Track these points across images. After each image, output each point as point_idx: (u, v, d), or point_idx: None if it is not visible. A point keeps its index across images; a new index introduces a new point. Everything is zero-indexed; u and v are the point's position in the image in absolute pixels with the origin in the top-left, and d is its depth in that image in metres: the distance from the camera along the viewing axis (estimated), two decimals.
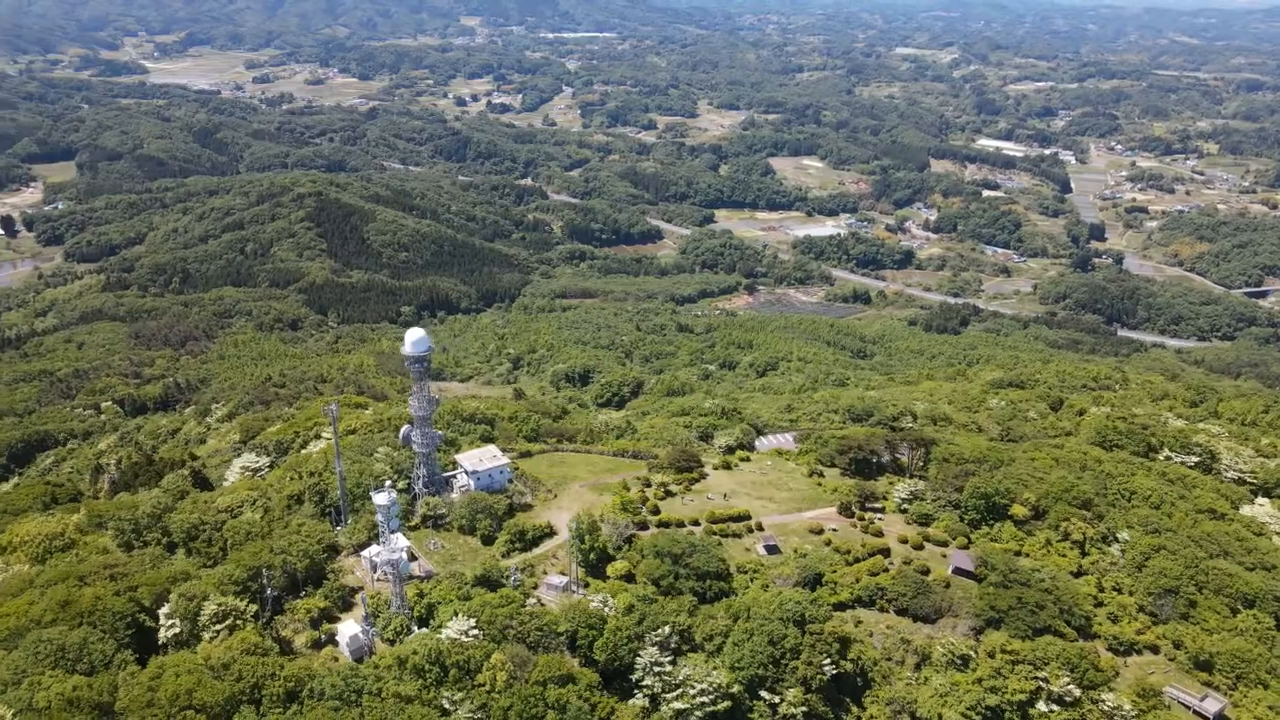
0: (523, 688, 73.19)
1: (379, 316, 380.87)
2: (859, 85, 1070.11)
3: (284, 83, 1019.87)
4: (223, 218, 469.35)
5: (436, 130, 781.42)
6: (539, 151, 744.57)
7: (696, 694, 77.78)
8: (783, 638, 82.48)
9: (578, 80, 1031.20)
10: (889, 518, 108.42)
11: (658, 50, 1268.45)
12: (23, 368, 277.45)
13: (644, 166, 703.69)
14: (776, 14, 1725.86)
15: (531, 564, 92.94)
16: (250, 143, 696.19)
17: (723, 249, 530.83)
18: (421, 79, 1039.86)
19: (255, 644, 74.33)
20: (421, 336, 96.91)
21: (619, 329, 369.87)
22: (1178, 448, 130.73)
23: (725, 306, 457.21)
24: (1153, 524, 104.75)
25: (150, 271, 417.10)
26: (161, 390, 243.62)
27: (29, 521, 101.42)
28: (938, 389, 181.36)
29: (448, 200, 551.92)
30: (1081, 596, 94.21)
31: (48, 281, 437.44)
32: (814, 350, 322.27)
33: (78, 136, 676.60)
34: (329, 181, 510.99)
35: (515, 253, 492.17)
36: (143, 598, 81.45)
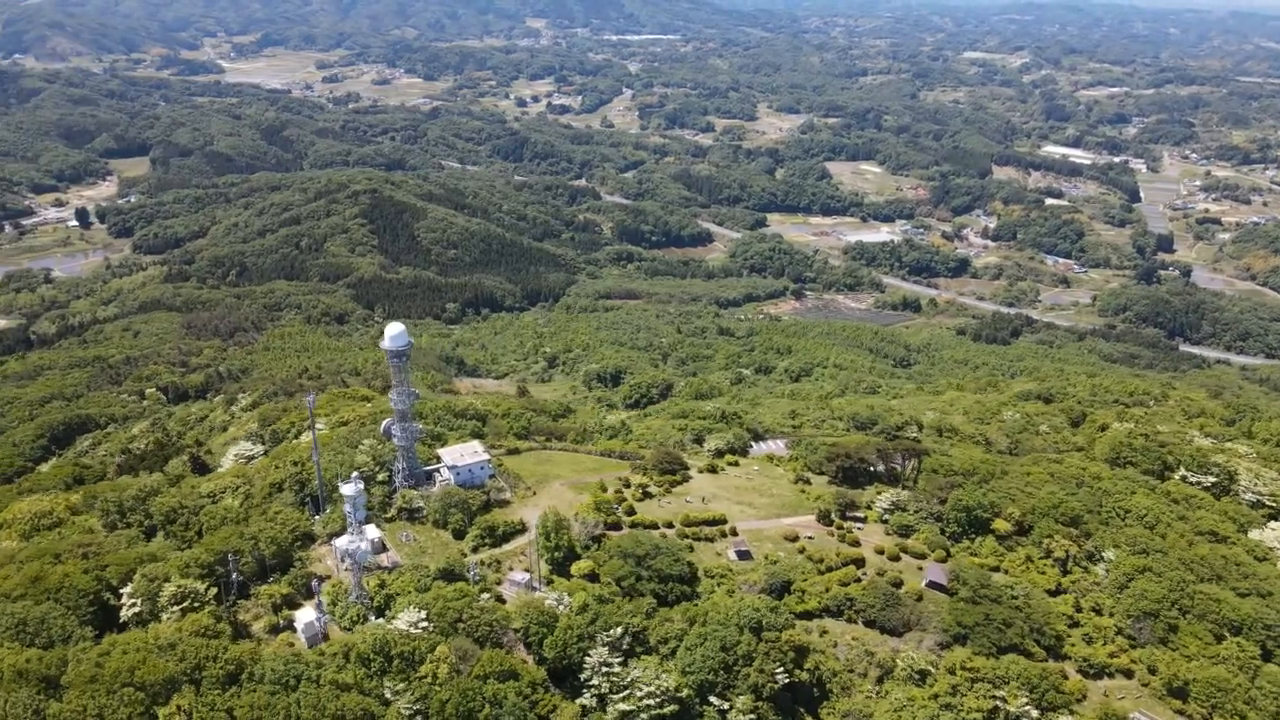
0: (461, 681, 73.93)
1: (424, 312, 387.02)
2: (923, 89, 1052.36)
3: (352, 82, 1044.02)
4: (281, 213, 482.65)
5: (495, 130, 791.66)
6: (594, 153, 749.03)
7: (643, 696, 77.55)
8: (736, 644, 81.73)
9: (638, 82, 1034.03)
10: (869, 528, 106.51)
11: (720, 53, 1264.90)
12: (79, 353, 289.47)
13: (698, 169, 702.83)
14: (844, 17, 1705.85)
15: (499, 559, 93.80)
16: (315, 140, 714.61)
17: (772, 253, 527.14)
18: (484, 80, 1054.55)
19: (206, 626, 76.56)
20: (400, 331, 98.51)
21: (659, 331, 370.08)
22: (1194, 467, 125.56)
23: (771, 311, 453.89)
24: (1141, 544, 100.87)
25: (209, 264, 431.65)
26: (203, 379, 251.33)
27: (24, 500, 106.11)
28: (959, 399, 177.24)
29: (499, 199, 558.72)
30: (1055, 616, 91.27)
31: (114, 271, 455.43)
32: (852, 357, 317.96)
33: (153, 133, 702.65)
34: (384, 179, 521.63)
35: (563, 252, 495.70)
36: (111, 577, 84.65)
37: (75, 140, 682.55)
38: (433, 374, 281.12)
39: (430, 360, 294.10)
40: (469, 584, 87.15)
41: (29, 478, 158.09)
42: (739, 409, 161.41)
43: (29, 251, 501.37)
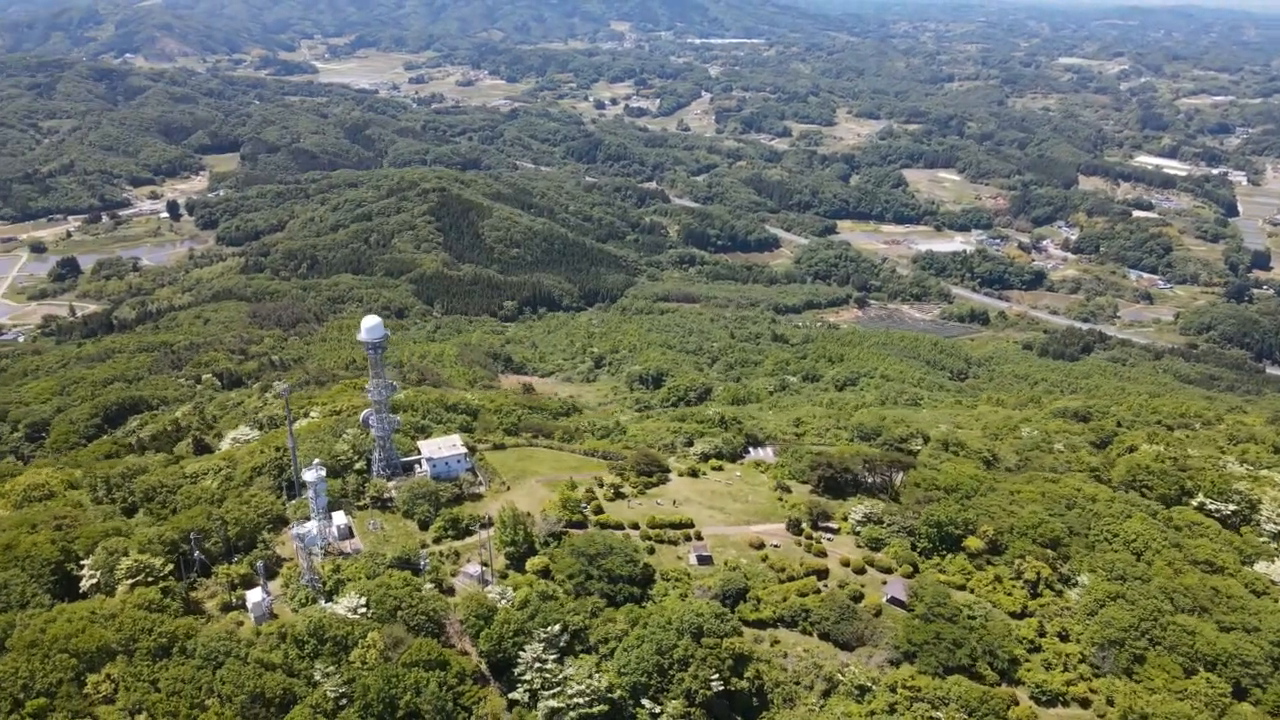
0: (386, 667, 75.24)
1: (481, 309, 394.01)
2: (1012, 96, 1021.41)
3: (437, 83, 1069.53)
4: (354, 209, 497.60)
5: (570, 132, 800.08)
6: (667, 155, 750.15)
7: (573, 694, 77.55)
8: (672, 647, 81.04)
9: (717, 86, 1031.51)
10: (840, 539, 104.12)
11: (803, 57, 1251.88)
12: (149, 338, 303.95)
13: (770, 174, 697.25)
14: (935, 21, 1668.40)
15: (459, 551, 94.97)
16: (395, 139, 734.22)
17: (837, 260, 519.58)
18: (565, 82, 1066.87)
19: (152, 600, 79.76)
20: (376, 324, 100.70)
21: (711, 335, 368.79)
22: (1214, 494, 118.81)
23: (831, 319, 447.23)
24: (1120, 570, 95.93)
25: (283, 256, 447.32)
26: (257, 366, 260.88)
27: (23, 473, 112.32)
28: (989, 414, 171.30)
29: (566, 200, 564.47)
30: (1014, 639, 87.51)
31: (196, 262, 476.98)
32: (902, 368, 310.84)
33: (244, 130, 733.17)
34: (455, 178, 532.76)
35: (625, 254, 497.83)
36: (78, 549, 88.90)
37: (173, 136, 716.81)
38: (476, 369, 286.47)
39: (476, 356, 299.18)
40: (412, 574, 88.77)
41: (75, 453, 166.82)
42: (741, 414, 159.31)
43: (122, 241, 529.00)
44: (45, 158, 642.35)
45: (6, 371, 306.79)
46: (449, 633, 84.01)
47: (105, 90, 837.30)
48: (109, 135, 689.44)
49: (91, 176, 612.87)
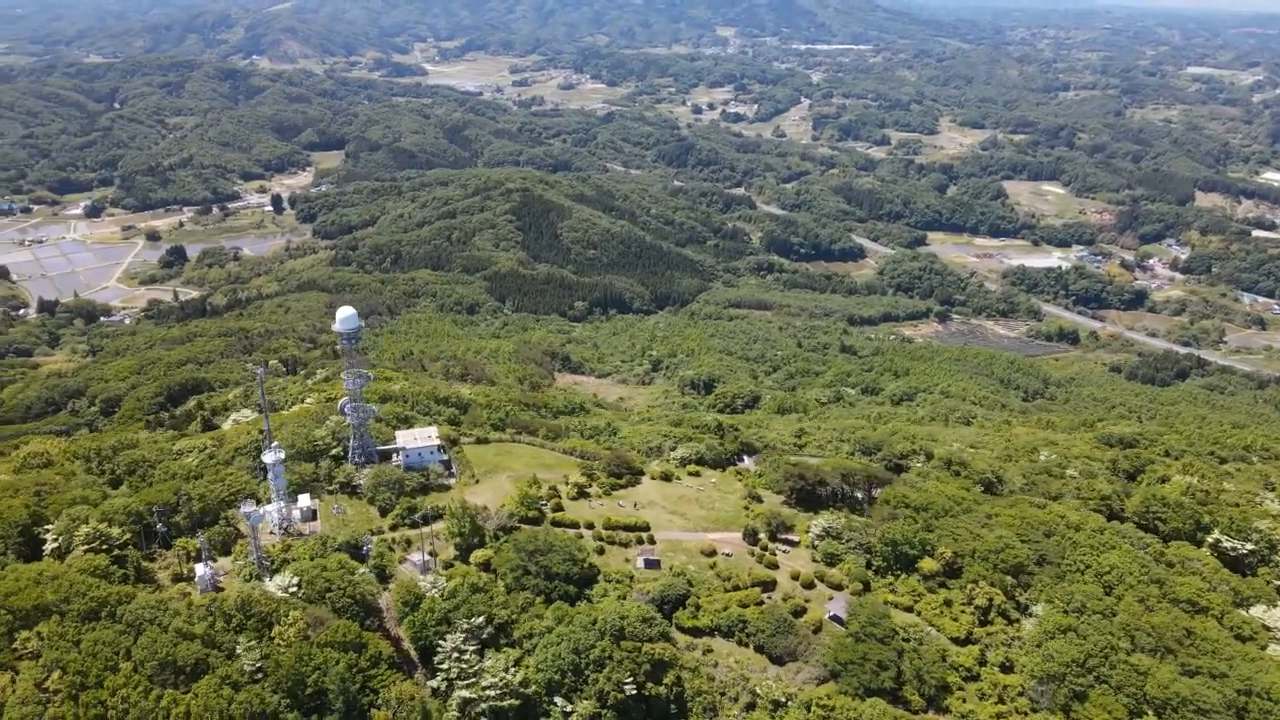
0: (301, 646, 77.46)
1: (551, 308, 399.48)
2: (1131, 107, 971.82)
3: (540, 86, 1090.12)
4: (441, 206, 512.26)
5: (663, 135, 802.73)
6: (759, 161, 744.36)
7: (486, 686, 78.25)
8: (590, 648, 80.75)
9: (817, 92, 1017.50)
10: (798, 552, 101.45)
11: (910, 64, 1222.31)
12: (230, 324, 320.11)
13: (861, 183, 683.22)
14: (1055, 27, 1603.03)
15: (411, 540, 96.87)
16: (491, 140, 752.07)
17: (921, 273, 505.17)
18: (664, 86, 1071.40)
19: (98, 566, 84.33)
20: (350, 315, 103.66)
21: (778, 343, 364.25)
22: (1231, 532, 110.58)
23: (907, 332, 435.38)
24: (1080, 603, 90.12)
25: (370, 251, 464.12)
26: (320, 355, 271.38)
27: (32, 441, 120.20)
28: (1022, 435, 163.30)
29: (649, 203, 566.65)
30: (951, 666, 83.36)
31: (291, 253, 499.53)
32: (968, 385, 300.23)
33: (350, 129, 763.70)
34: (539, 179, 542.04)
35: (702, 259, 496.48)
36: (49, 514, 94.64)
37: (285, 134, 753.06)
38: (531, 367, 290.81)
39: (533, 354, 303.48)
40: (364, 559, 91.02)
41: (129, 425, 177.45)
42: (747, 422, 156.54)
43: (229, 231, 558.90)
44: (168, 152, 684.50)
45: (104, 350, 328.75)
46: (385, 618, 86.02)
47: (228, 89, 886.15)
48: (226, 132, 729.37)
49: (207, 170, 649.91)
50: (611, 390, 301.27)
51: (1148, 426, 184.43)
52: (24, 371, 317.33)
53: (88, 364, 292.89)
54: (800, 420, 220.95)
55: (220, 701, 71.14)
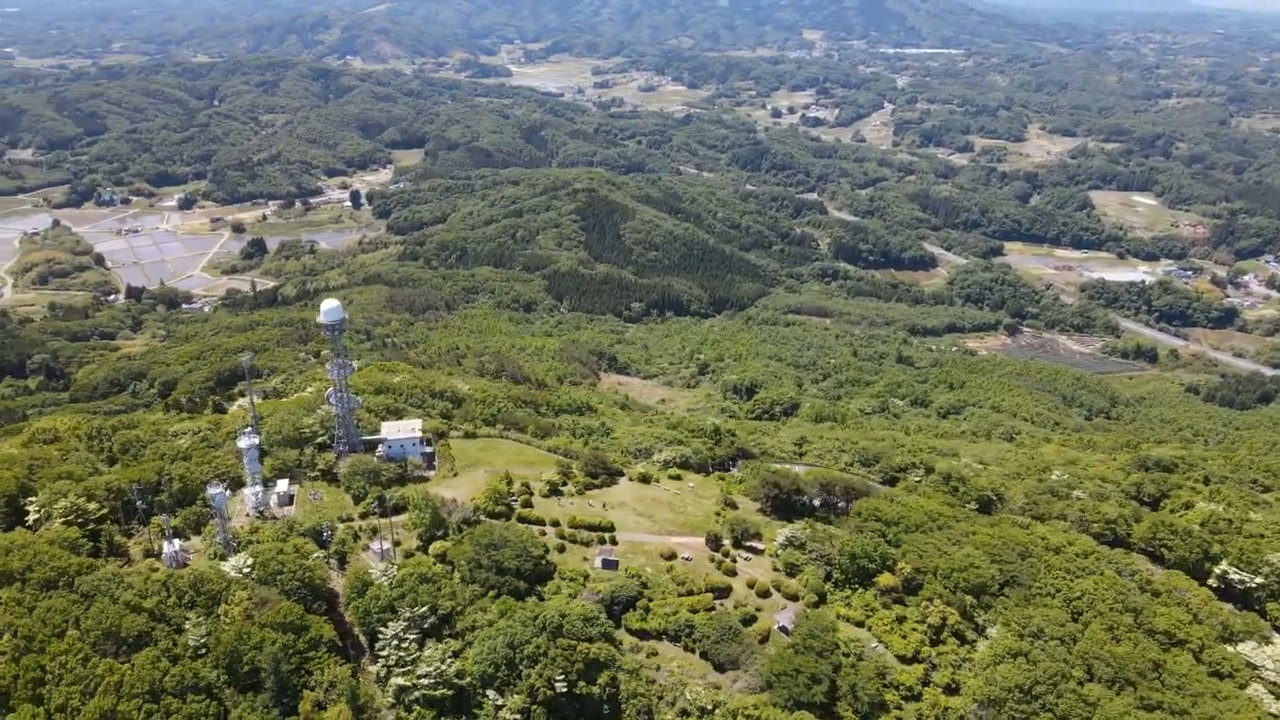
0: (241, 624, 79.95)
1: (607, 309, 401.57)
2: (1238, 115, 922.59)
3: (621, 88, 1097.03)
4: (509, 205, 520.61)
5: (739, 139, 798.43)
6: (834, 167, 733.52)
7: (420, 675, 79.58)
8: (525, 643, 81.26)
9: (901, 97, 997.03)
10: (761, 560, 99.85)
11: (1002, 69, 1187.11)
12: (292, 314, 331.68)
13: (938, 190, 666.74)
14: (1161, 32, 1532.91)
15: (378, 528, 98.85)
16: (567, 141, 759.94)
17: (994, 284, 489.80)
18: (745, 89, 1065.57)
19: (68, 538, 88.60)
20: (335, 307, 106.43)
21: (832, 351, 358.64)
22: (1240, 563, 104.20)
23: (972, 344, 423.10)
24: (1037, 628, 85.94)
25: (436, 247, 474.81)
26: (370, 347, 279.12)
27: (46, 417, 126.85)
28: (1049, 454, 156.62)
29: (716, 206, 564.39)
30: (891, 684, 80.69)
31: (364, 248, 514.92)
32: (1023, 400, 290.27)
33: (431, 128, 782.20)
34: (606, 180, 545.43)
35: (765, 264, 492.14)
36: (38, 486, 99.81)
37: (369, 132, 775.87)
38: (575, 365, 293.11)
39: (579, 353, 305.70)
40: (325, 544, 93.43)
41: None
42: (763, 429, 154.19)
43: (308, 225, 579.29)
44: (258, 148, 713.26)
45: (175, 335, 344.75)
46: (340, 604, 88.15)
47: (320, 89, 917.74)
48: (314, 129, 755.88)
49: (293, 166, 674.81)
50: (655, 392, 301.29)
51: (1194, 451, 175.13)
52: (103, 353, 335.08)
53: (156, 348, 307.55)
54: (834, 429, 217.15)
55: (155, 673, 74.19)
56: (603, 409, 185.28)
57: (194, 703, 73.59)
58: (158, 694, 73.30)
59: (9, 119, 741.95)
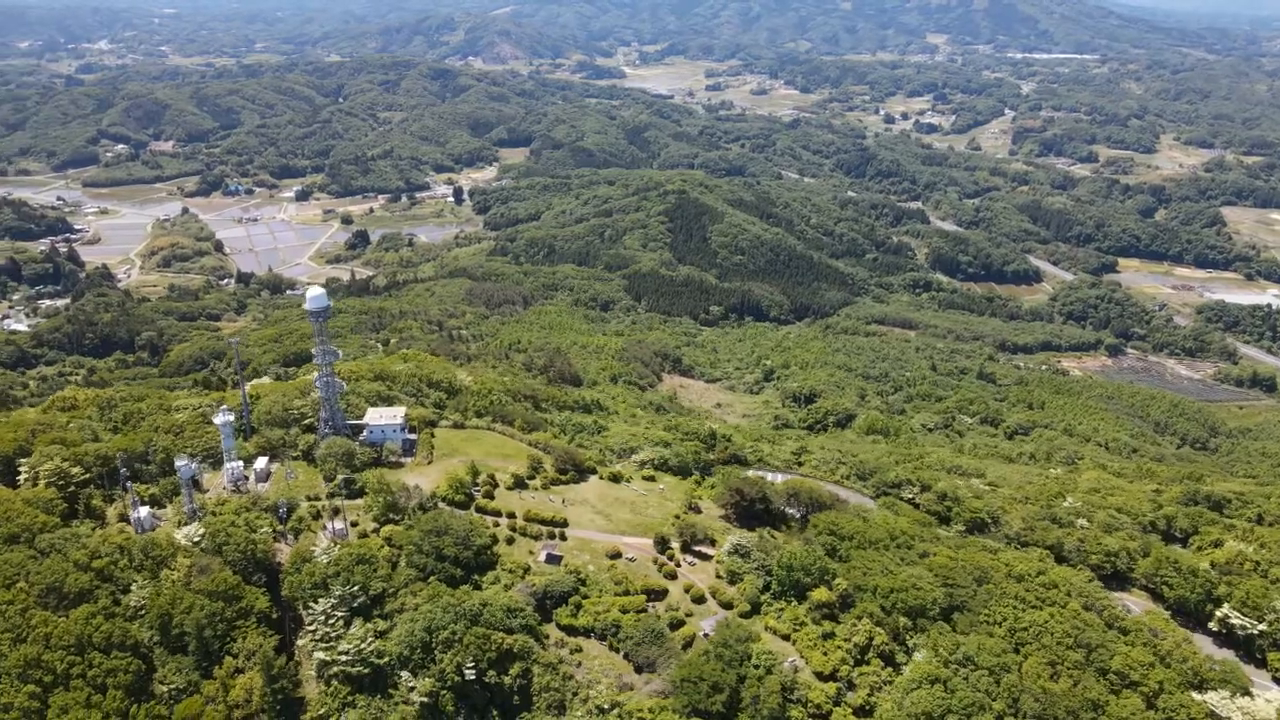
0: (176, 588, 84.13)
1: (684, 311, 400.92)
2: None
3: (732, 91, 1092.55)
4: (601, 204, 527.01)
5: (845, 144, 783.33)
6: (942, 175, 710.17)
7: (341, 651, 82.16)
8: (441, 628, 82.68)
9: (1024, 104, 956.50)
10: (706, 566, 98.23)
11: (1139, 75, 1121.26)
12: (373, 304, 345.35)
13: (1051, 201, 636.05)
14: None
15: (339, 509, 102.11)
16: (669, 143, 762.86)
17: (1098, 301, 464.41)
18: (858, 94, 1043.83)
19: (43, 498, 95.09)
20: (319, 294, 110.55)
21: (909, 364, 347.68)
22: (1245, 608, 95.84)
23: (1067, 364, 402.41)
24: (966, 655, 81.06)
25: (526, 244, 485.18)
26: (437, 338, 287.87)
27: (68, 391, 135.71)
28: (1087, 478, 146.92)
29: (810, 212, 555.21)
30: (797, 701, 78.18)
31: (459, 242, 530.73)
32: (1102, 424, 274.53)
33: (539, 127, 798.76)
34: (699, 182, 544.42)
35: (854, 272, 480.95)
36: (34, 450, 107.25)
37: (478, 130, 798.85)
38: (635, 365, 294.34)
39: (641, 353, 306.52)
40: (284, 521, 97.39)
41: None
42: (755, 436, 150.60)
43: (411, 219, 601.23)
44: (373, 144, 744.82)
45: (267, 319, 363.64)
46: (246, 572, 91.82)
47: (438, 88, 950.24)
48: (427, 127, 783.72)
49: (403, 162, 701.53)
50: (714, 396, 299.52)
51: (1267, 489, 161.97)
52: (204, 333, 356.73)
53: (243, 329, 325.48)
54: (885, 443, 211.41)
55: (86, 628, 79.28)
56: (620, 407, 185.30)
57: (117, 658, 78.46)
58: (84, 647, 78.50)
59: (154, 113, 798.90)
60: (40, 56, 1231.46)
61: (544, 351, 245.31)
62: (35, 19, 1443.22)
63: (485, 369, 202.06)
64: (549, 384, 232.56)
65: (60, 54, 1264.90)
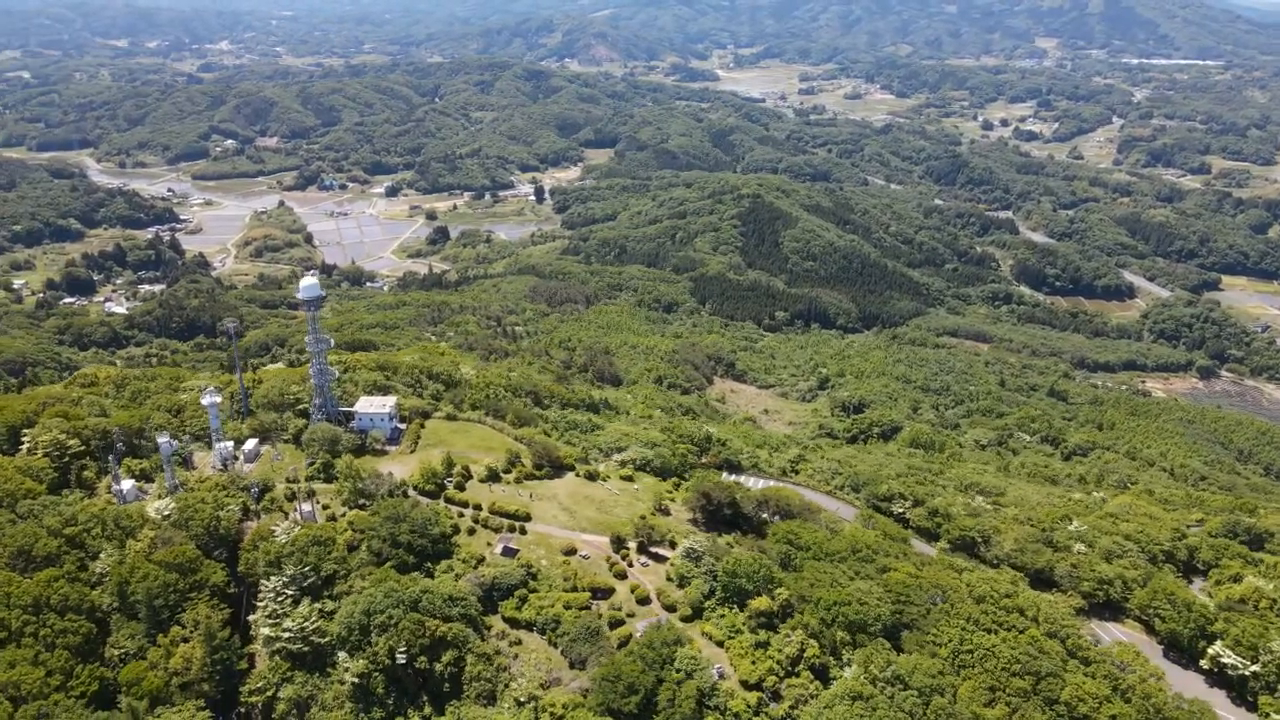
0: (137, 558, 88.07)
1: (748, 315, 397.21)
2: None
3: (826, 95, 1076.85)
4: (676, 206, 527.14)
5: (936, 151, 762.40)
6: (1038, 184, 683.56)
7: (285, 629, 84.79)
8: (379, 612, 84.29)
9: (1134, 112, 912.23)
10: (659, 568, 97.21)
11: (1265, 83, 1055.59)
12: (437, 298, 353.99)
13: (1153, 215, 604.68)
14: None
15: (315, 491, 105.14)
16: (754, 146, 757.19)
17: (1193, 320, 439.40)
18: (957, 100, 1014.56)
19: (34, 466, 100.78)
20: (312, 284, 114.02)
21: (975, 378, 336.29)
22: (1238, 648, 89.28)
23: (1152, 385, 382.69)
24: (895, 674, 77.55)
25: (598, 244, 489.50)
26: (491, 333, 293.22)
27: (92, 368, 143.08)
28: (1118, 503, 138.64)
29: (890, 220, 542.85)
30: (712, 708, 76.60)
31: (534, 240, 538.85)
32: (1176, 450, 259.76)
33: (625, 129, 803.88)
34: (775, 187, 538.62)
35: (930, 282, 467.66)
36: (40, 421, 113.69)
37: (565, 131, 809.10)
38: (684, 368, 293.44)
39: (693, 356, 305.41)
40: (257, 500, 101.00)
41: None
42: (725, 439, 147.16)
43: (492, 216, 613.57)
44: (463, 143, 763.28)
45: (339, 309, 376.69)
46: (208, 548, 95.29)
47: (530, 89, 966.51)
48: (516, 127, 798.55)
49: (490, 161, 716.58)
50: (765, 402, 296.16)
51: None
52: (280, 320, 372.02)
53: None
54: (920, 457, 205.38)
55: (46, 590, 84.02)
56: (638, 408, 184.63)
57: (71, 620, 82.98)
58: (40, 608, 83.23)
59: (262, 110, 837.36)
60: (166, 56, 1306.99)
61: (585, 350, 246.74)
62: (165, 20, 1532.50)
63: (521, 364, 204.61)
64: (589, 382, 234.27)
65: (184, 54, 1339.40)
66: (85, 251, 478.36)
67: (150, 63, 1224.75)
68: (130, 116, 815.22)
